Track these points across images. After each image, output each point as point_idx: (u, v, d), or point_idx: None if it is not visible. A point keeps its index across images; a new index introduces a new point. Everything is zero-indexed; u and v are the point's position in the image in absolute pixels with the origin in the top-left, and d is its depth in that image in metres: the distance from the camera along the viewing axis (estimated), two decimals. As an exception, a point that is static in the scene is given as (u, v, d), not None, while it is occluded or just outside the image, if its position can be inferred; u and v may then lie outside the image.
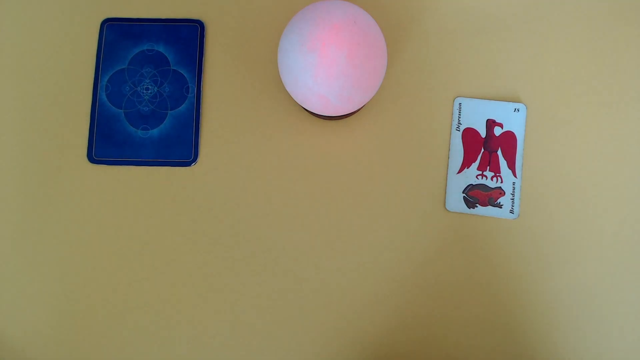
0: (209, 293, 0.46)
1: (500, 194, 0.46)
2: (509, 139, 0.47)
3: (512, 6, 0.48)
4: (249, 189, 0.47)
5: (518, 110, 0.47)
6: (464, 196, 0.46)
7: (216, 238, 0.46)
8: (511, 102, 0.47)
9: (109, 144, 0.47)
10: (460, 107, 0.47)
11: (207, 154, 0.47)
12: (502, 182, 0.46)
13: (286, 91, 0.48)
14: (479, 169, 0.46)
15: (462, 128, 0.47)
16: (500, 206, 0.46)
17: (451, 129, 0.47)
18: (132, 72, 0.48)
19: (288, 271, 0.46)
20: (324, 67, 0.38)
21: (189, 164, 0.47)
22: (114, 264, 0.46)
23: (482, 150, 0.47)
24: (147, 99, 0.48)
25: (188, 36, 0.48)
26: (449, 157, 0.47)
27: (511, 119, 0.47)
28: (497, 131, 0.47)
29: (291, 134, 0.47)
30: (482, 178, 0.46)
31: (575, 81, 0.48)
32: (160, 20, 0.49)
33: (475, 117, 0.47)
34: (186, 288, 0.46)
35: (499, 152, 0.47)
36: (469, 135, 0.47)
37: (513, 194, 0.46)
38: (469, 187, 0.46)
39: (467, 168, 0.46)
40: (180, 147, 0.47)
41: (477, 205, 0.46)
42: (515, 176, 0.46)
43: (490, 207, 0.46)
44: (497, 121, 0.47)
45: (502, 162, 0.46)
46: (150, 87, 0.48)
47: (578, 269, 0.46)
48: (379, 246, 0.46)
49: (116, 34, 0.48)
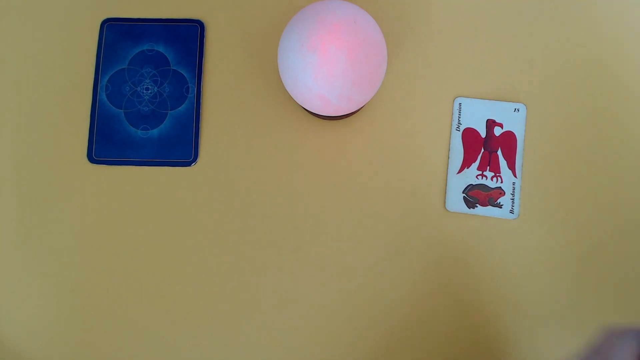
0: (208, 292, 0.46)
1: (500, 194, 0.46)
2: (509, 139, 0.47)
3: (512, 6, 0.48)
4: (249, 189, 0.47)
5: (518, 110, 0.47)
6: (464, 196, 0.46)
7: (216, 238, 0.46)
8: (511, 102, 0.47)
9: (109, 144, 0.47)
10: (460, 107, 0.47)
11: (207, 154, 0.47)
12: (502, 182, 0.46)
13: (286, 91, 0.48)
14: (479, 169, 0.46)
15: (462, 128, 0.47)
16: (500, 206, 0.46)
17: (451, 129, 0.47)
18: (132, 72, 0.48)
19: (288, 271, 0.46)
20: (324, 67, 0.38)
21: (189, 164, 0.47)
22: (113, 264, 0.46)
23: (482, 150, 0.47)
24: (147, 99, 0.48)
25: (188, 36, 0.48)
26: (449, 157, 0.47)
27: (511, 119, 0.47)
28: (497, 131, 0.47)
29: (291, 134, 0.47)
30: (482, 178, 0.46)
31: (575, 81, 0.48)
32: (160, 20, 0.49)
33: (475, 117, 0.47)
34: (186, 288, 0.46)
35: (499, 152, 0.46)
36: (469, 135, 0.47)
37: (513, 194, 0.46)
38: (469, 187, 0.46)
39: (467, 168, 0.46)
40: (180, 147, 0.47)
41: (477, 205, 0.46)
42: (515, 176, 0.46)
43: (490, 207, 0.46)
44: (497, 121, 0.47)
45: (502, 162, 0.46)
46: (150, 87, 0.48)
47: (578, 269, 0.46)
48: (379, 246, 0.46)
49: (116, 34, 0.48)
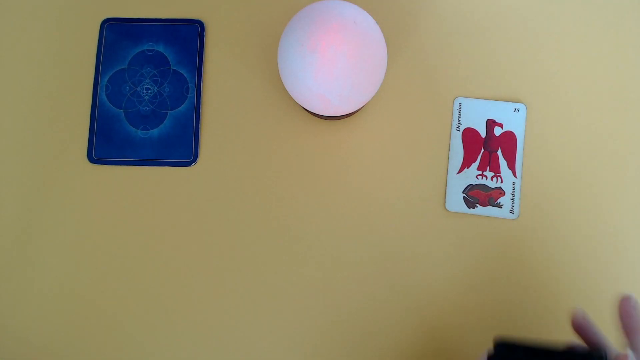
0: (209, 292, 0.46)
1: (500, 194, 0.46)
2: (509, 139, 0.47)
3: (511, 6, 0.48)
4: (249, 189, 0.47)
5: (518, 110, 0.47)
6: (464, 196, 0.46)
7: (216, 238, 0.46)
8: (511, 102, 0.47)
9: (109, 144, 0.47)
10: (460, 107, 0.47)
11: (207, 154, 0.47)
12: (502, 182, 0.46)
13: (286, 91, 0.48)
14: (479, 169, 0.46)
15: (462, 128, 0.47)
16: (500, 206, 0.46)
17: (451, 129, 0.47)
18: (132, 72, 0.48)
19: (288, 270, 0.46)
20: (324, 67, 0.38)
21: (189, 164, 0.47)
22: (113, 264, 0.46)
23: (482, 150, 0.47)
24: (147, 99, 0.48)
25: (188, 36, 0.48)
26: (449, 157, 0.47)
27: (511, 119, 0.47)
28: (497, 131, 0.47)
29: (291, 134, 0.47)
30: (482, 178, 0.46)
31: (575, 81, 0.47)
32: (160, 20, 0.49)
33: (475, 117, 0.47)
34: (186, 287, 0.46)
35: (499, 152, 0.46)
36: (469, 135, 0.47)
37: (513, 194, 0.46)
38: (469, 187, 0.46)
39: (467, 168, 0.46)
40: (180, 147, 0.47)
41: (477, 205, 0.46)
42: (515, 176, 0.46)
43: (490, 207, 0.46)
44: (497, 121, 0.47)
45: (502, 162, 0.46)
46: (150, 87, 0.48)
47: (578, 269, 0.46)
48: (379, 246, 0.46)
49: (116, 34, 0.48)
